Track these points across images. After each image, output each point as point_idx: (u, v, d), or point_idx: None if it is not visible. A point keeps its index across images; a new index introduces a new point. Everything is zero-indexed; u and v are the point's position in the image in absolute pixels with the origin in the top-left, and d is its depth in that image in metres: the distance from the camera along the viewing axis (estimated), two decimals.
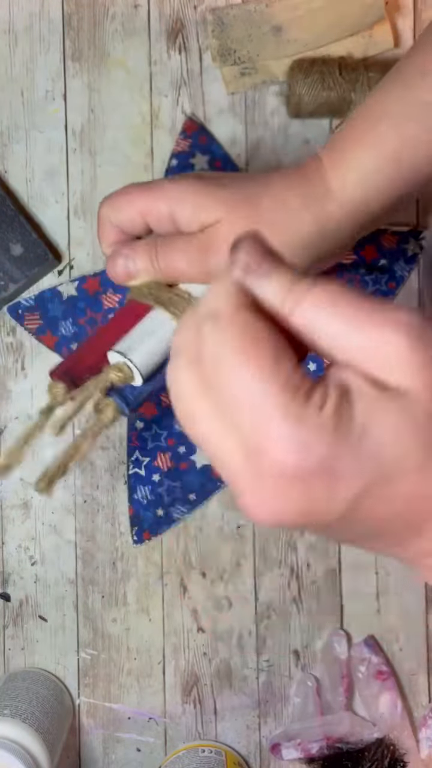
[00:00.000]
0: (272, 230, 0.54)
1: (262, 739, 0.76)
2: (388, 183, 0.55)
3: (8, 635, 0.75)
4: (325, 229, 0.55)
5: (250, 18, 0.72)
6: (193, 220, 0.55)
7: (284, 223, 0.55)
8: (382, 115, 0.55)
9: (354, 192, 0.55)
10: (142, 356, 0.55)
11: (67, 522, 0.75)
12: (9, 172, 0.75)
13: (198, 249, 0.54)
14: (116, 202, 0.57)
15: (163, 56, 0.74)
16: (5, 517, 0.75)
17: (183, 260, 0.55)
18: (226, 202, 0.55)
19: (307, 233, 0.55)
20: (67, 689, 0.75)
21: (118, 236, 0.58)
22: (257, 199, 0.55)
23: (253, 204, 0.55)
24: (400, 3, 0.74)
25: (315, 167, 0.56)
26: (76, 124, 0.74)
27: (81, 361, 0.56)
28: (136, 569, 0.75)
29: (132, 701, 0.76)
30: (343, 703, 0.73)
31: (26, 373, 0.75)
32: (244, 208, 0.55)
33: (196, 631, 0.75)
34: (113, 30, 0.74)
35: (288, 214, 0.55)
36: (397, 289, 0.74)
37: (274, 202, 0.55)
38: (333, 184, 0.55)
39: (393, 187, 0.55)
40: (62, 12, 0.74)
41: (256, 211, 0.55)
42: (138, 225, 0.56)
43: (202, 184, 0.55)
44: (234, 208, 0.54)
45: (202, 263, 0.54)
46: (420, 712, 0.75)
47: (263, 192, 0.55)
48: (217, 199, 0.55)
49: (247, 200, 0.55)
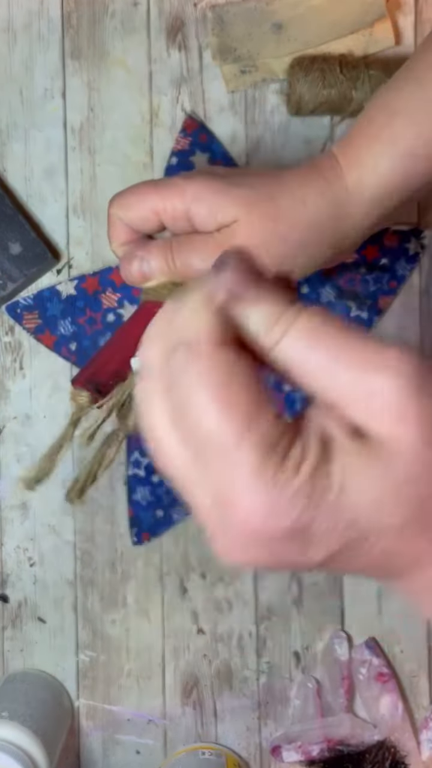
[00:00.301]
0: (291, 228, 0.54)
1: (262, 741, 0.75)
2: (403, 180, 0.55)
3: (7, 637, 0.75)
4: (342, 227, 0.55)
5: (251, 16, 0.72)
6: (211, 219, 0.54)
7: (303, 221, 0.54)
8: (395, 113, 0.55)
9: (370, 190, 0.55)
10: None
11: (66, 523, 0.75)
12: (8, 170, 0.74)
13: (216, 248, 0.53)
14: (127, 201, 0.56)
15: (162, 54, 0.74)
16: (4, 517, 0.75)
17: (200, 260, 0.54)
18: (243, 201, 0.54)
19: (326, 231, 0.55)
20: (66, 691, 0.75)
21: (129, 235, 0.57)
22: (275, 198, 0.54)
23: (271, 202, 0.54)
24: (401, 1, 0.74)
25: (330, 165, 0.55)
26: (76, 122, 0.74)
27: (103, 368, 0.55)
28: (135, 570, 0.75)
29: (131, 703, 0.75)
30: (343, 705, 0.73)
31: (25, 372, 0.74)
32: (263, 206, 0.54)
33: (196, 632, 0.75)
34: (113, 28, 0.74)
35: (307, 212, 0.54)
36: (398, 288, 0.73)
37: (293, 200, 0.54)
38: (349, 183, 0.55)
39: (408, 184, 0.55)
40: (61, 10, 0.74)
41: (274, 209, 0.54)
42: (151, 224, 0.55)
43: (218, 182, 0.55)
44: (252, 207, 0.54)
45: None
46: (421, 714, 0.75)
47: (281, 190, 0.55)
48: (235, 198, 0.54)
49: (265, 199, 0.54)
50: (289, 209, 0.54)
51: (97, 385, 0.54)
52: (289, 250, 0.55)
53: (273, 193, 0.55)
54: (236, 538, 0.32)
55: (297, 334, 0.32)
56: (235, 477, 0.30)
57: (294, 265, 0.55)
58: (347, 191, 0.55)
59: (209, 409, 0.30)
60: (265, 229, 0.54)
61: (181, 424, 0.32)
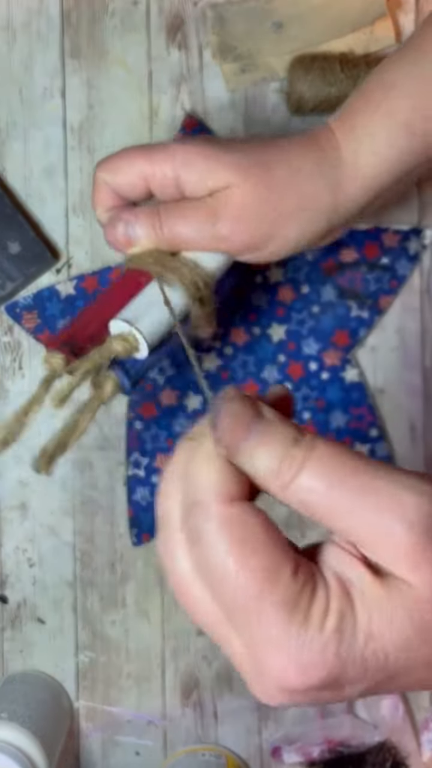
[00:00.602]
0: (285, 196, 0.53)
1: (262, 743, 0.75)
2: (399, 154, 0.54)
3: (6, 638, 0.75)
4: (337, 199, 0.54)
5: (251, 14, 0.72)
6: (201, 186, 0.52)
7: (298, 190, 0.53)
8: (392, 87, 0.54)
9: (366, 163, 0.53)
10: (149, 326, 0.52)
11: (66, 523, 0.74)
12: (7, 169, 0.74)
13: (206, 215, 0.52)
14: (115, 165, 0.54)
15: (162, 53, 0.74)
16: (3, 518, 0.75)
17: (189, 227, 0.52)
18: (236, 167, 0.52)
19: (320, 203, 0.53)
20: (66, 692, 0.75)
21: (114, 201, 0.55)
22: (270, 165, 0.53)
23: (266, 169, 0.53)
24: None
25: (326, 137, 0.54)
26: (75, 121, 0.74)
27: (81, 330, 0.53)
28: (135, 571, 0.74)
29: (131, 704, 0.75)
30: (344, 706, 0.73)
31: (24, 372, 0.74)
32: (257, 172, 0.53)
33: (196, 633, 0.75)
34: (112, 26, 0.74)
35: (302, 180, 0.53)
36: (399, 288, 0.73)
37: (289, 168, 0.53)
38: (345, 154, 0.54)
39: (404, 158, 0.54)
40: (61, 9, 0.74)
41: (269, 176, 0.53)
42: (138, 189, 0.54)
43: (211, 146, 0.53)
44: (246, 173, 0.52)
45: (211, 230, 0.52)
46: (421, 715, 0.75)
47: (276, 157, 0.53)
48: (228, 163, 0.52)
49: (260, 165, 0.53)
50: (284, 177, 0.53)
51: (73, 347, 0.51)
52: (282, 220, 0.53)
53: (268, 160, 0.53)
54: (272, 689, 0.32)
55: (310, 473, 0.31)
56: (262, 635, 0.31)
57: (286, 237, 0.54)
58: (343, 163, 0.54)
59: (228, 569, 0.31)
60: (259, 197, 0.52)
61: (207, 577, 0.32)
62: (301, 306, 0.73)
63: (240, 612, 0.31)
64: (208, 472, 0.32)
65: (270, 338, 0.73)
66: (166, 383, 0.73)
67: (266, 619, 0.31)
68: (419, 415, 0.74)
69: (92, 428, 0.73)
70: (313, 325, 0.73)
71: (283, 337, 0.73)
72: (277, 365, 0.73)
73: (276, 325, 0.73)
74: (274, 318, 0.73)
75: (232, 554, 0.31)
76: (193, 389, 0.73)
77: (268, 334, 0.73)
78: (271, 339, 0.73)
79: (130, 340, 0.51)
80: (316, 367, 0.73)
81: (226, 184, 0.52)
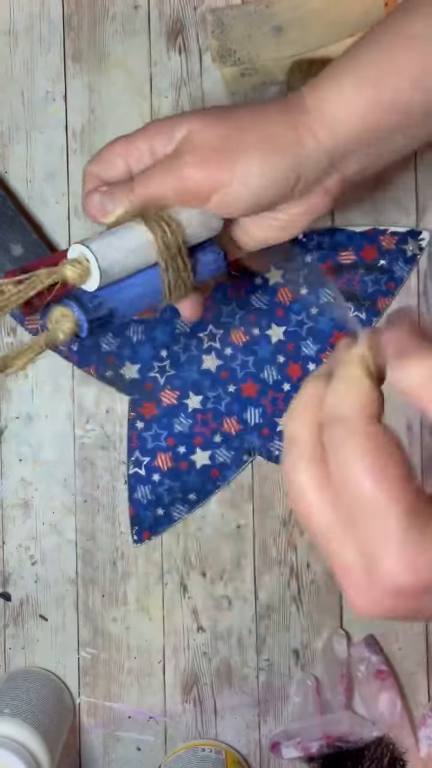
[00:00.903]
0: (245, 133, 0.53)
1: (262, 738, 0.76)
2: (367, 105, 0.53)
3: (9, 634, 0.76)
4: (303, 141, 0.53)
5: (250, 18, 0.72)
6: (168, 143, 0.54)
7: (260, 129, 0.53)
8: (363, 47, 0.54)
9: (333, 108, 0.53)
10: (105, 250, 0.49)
11: (68, 521, 0.75)
12: (9, 172, 0.75)
13: (169, 163, 0.53)
14: (98, 155, 0.57)
15: (163, 57, 0.74)
16: (5, 516, 0.75)
17: (155, 180, 0.53)
18: (198, 115, 0.55)
19: (284, 140, 0.53)
20: (68, 688, 0.75)
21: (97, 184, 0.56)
22: (231, 109, 0.55)
23: (227, 111, 0.55)
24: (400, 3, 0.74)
25: (294, 96, 0.55)
26: (77, 124, 0.75)
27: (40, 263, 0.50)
28: (136, 569, 0.75)
29: (132, 700, 0.76)
30: (342, 702, 0.73)
31: (26, 372, 0.75)
32: (216, 113, 0.55)
33: (196, 630, 0.75)
34: (113, 31, 0.74)
35: (264, 122, 0.54)
36: (396, 290, 0.74)
37: (250, 112, 0.54)
38: (309, 103, 0.54)
39: (374, 111, 0.53)
40: (62, 13, 0.75)
41: (228, 116, 0.54)
42: (118, 169, 0.56)
43: (178, 115, 0.56)
44: (207, 119, 0.54)
45: (174, 176, 0.53)
46: (419, 711, 0.75)
47: (238, 107, 0.56)
48: (190, 116, 0.55)
49: (220, 110, 0.56)
50: (245, 118, 0.54)
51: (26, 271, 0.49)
52: (243, 153, 0.53)
53: (230, 109, 0.56)
54: (380, 594, 0.35)
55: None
56: (384, 541, 0.34)
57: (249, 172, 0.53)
58: (307, 110, 0.53)
59: (365, 479, 0.34)
60: (218, 134, 0.53)
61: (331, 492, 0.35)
62: (300, 307, 0.74)
63: (365, 517, 0.34)
64: (358, 392, 0.35)
65: (269, 339, 0.74)
66: (166, 383, 0.74)
67: (390, 524, 0.34)
68: (416, 415, 0.74)
69: (94, 428, 0.74)
70: (311, 327, 0.74)
71: (282, 338, 0.74)
72: (276, 366, 0.74)
73: (275, 326, 0.74)
74: (274, 319, 0.74)
75: (374, 465, 0.34)
76: (192, 389, 0.74)
77: (267, 335, 0.74)
78: (270, 340, 0.74)
79: (82, 262, 0.49)
80: (315, 368, 0.73)
81: (187, 129, 0.54)
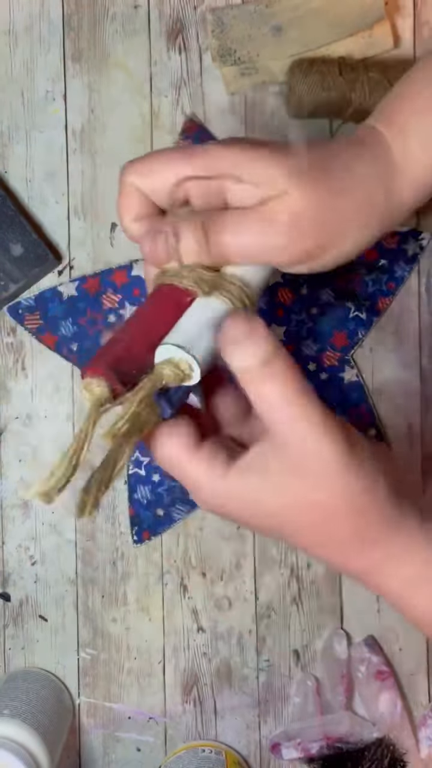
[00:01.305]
0: (342, 201, 0.49)
1: (262, 739, 0.76)
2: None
3: (8, 635, 0.76)
4: (391, 202, 0.51)
5: (250, 18, 0.72)
6: (251, 194, 0.47)
7: (354, 194, 0.49)
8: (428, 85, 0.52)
9: (416, 162, 0.51)
10: (205, 353, 0.47)
11: (67, 522, 0.75)
12: (9, 172, 0.75)
13: (259, 225, 0.47)
14: (148, 166, 0.48)
15: (163, 56, 0.74)
16: (5, 516, 0.75)
17: (239, 239, 0.47)
18: (293, 171, 0.47)
19: (376, 206, 0.50)
20: (67, 689, 0.75)
21: (146, 209, 0.49)
22: (327, 168, 0.49)
23: (324, 171, 0.48)
24: (400, 3, 0.74)
25: (375, 139, 0.51)
26: (77, 124, 0.75)
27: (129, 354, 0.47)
28: (136, 569, 0.75)
29: (132, 701, 0.76)
30: (342, 702, 0.73)
31: (26, 373, 0.75)
32: (315, 176, 0.48)
33: (196, 630, 0.75)
34: (113, 30, 0.74)
35: (358, 184, 0.49)
36: (397, 289, 0.74)
37: (345, 170, 0.49)
38: (396, 156, 0.51)
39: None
40: (62, 12, 0.75)
41: (328, 179, 0.48)
42: (174, 195, 0.48)
43: (260, 149, 0.48)
44: (303, 177, 0.47)
45: (264, 242, 0.47)
46: (419, 712, 0.75)
47: (332, 161, 0.49)
48: (283, 167, 0.47)
49: (317, 169, 0.48)
50: (341, 179, 0.49)
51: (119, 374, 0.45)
52: (340, 226, 0.49)
53: (325, 162, 0.49)
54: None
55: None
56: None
57: (342, 246, 0.50)
58: (394, 165, 0.50)
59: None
60: (317, 203, 0.48)
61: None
62: (300, 307, 0.74)
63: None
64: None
65: None
66: None
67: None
68: (417, 414, 0.74)
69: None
70: (311, 327, 0.74)
71: (282, 338, 0.73)
72: None
73: (275, 327, 0.73)
74: (274, 319, 0.74)
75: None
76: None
77: None
78: None
79: (182, 367, 0.46)
80: (315, 368, 0.73)
81: (282, 190, 0.47)
